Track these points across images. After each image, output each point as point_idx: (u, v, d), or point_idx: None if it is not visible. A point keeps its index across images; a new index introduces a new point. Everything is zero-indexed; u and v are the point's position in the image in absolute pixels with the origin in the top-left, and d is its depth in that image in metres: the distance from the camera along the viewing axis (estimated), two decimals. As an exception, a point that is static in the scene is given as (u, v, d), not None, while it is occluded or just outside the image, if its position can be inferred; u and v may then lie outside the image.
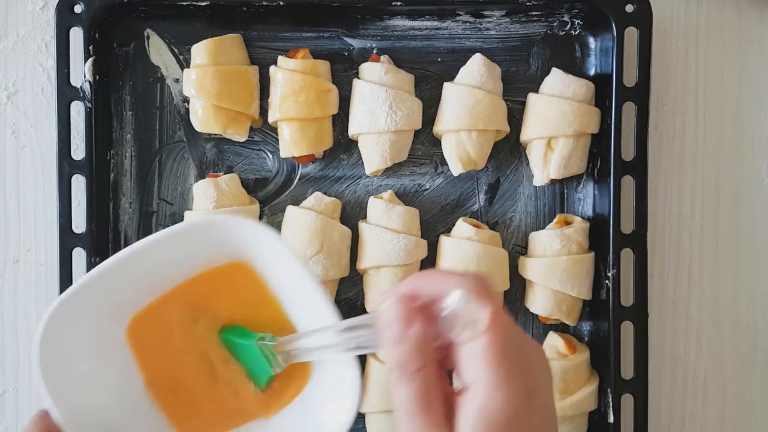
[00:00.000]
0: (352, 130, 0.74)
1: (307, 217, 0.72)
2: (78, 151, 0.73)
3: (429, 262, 0.75)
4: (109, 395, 0.57)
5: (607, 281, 0.73)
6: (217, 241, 0.57)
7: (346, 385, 0.55)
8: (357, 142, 0.76)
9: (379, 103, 0.72)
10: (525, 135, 0.75)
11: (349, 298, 0.77)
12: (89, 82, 0.72)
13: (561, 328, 0.77)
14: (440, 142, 0.75)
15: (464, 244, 0.72)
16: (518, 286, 0.76)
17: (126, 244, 0.76)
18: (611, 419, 0.72)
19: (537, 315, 0.75)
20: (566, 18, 0.76)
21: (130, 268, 0.56)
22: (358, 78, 0.74)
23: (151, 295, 0.59)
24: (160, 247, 0.56)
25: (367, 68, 0.73)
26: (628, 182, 0.73)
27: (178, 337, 0.59)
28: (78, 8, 0.71)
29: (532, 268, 0.74)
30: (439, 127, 0.74)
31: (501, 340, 0.44)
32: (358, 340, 0.50)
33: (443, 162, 0.76)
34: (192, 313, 0.60)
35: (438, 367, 0.47)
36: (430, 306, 0.46)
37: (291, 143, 0.73)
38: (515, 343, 0.45)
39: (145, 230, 0.76)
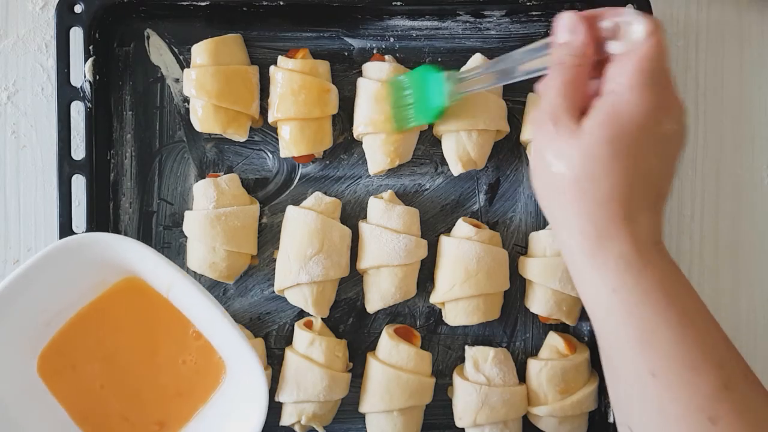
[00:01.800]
0: (358, 131, 0.74)
1: (307, 217, 0.72)
2: (78, 151, 0.73)
3: (429, 261, 0.75)
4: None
5: (607, 281, 0.73)
6: (90, 262, 0.59)
7: (253, 394, 0.57)
8: (357, 141, 0.76)
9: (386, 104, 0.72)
10: (525, 135, 0.75)
11: (349, 298, 0.77)
12: (89, 82, 0.72)
13: (561, 328, 0.77)
14: (440, 142, 0.75)
15: (464, 244, 0.72)
16: (518, 286, 0.76)
17: (126, 244, 0.76)
18: (611, 419, 0.72)
19: (537, 315, 0.75)
20: (566, 18, 0.76)
21: (13, 305, 0.57)
22: (362, 77, 0.74)
23: (51, 329, 0.60)
24: (30, 279, 0.57)
25: (371, 67, 0.73)
26: (628, 182, 0.73)
27: (93, 361, 0.61)
28: (78, 8, 0.72)
29: (532, 268, 0.74)
30: (439, 127, 0.74)
31: (654, 55, 0.51)
32: (530, 63, 0.58)
33: (443, 162, 0.76)
34: (99, 338, 0.61)
35: (590, 74, 0.54)
36: (600, 25, 0.53)
37: (291, 143, 0.73)
38: (664, 65, 0.52)
39: (145, 230, 0.76)
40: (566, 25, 0.54)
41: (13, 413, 0.58)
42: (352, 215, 0.76)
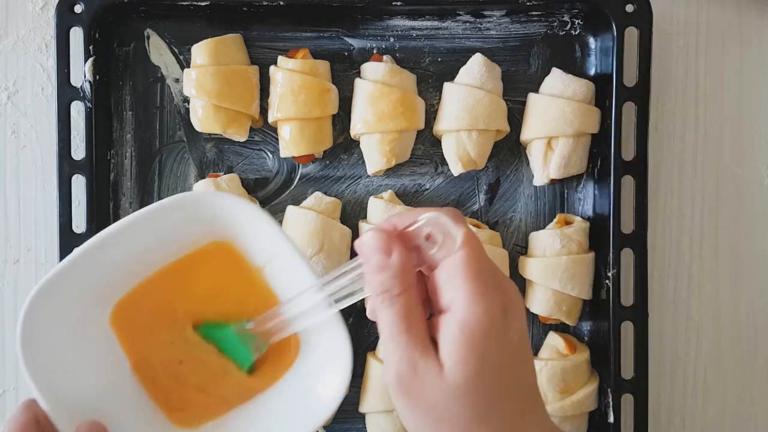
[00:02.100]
0: (355, 131, 0.74)
1: (308, 217, 0.72)
2: (78, 151, 0.73)
3: (429, 262, 0.75)
4: (97, 382, 0.57)
5: (607, 281, 0.73)
6: (196, 220, 0.56)
7: (337, 353, 0.55)
8: (357, 141, 0.76)
9: (383, 103, 0.72)
10: (525, 135, 0.75)
11: (349, 298, 0.77)
12: (89, 81, 0.72)
13: (561, 328, 0.77)
14: (440, 142, 0.75)
15: (464, 244, 0.72)
16: (518, 286, 0.76)
17: (126, 244, 0.76)
18: (611, 419, 0.72)
19: (537, 315, 0.75)
20: (566, 18, 0.76)
21: (111, 250, 0.55)
22: (360, 78, 0.74)
23: (134, 279, 0.58)
24: (139, 227, 0.55)
25: (369, 68, 0.73)
26: (628, 182, 0.73)
27: (162, 323, 0.59)
28: (78, 8, 0.71)
29: (532, 268, 0.74)
30: (439, 127, 0.74)
31: (475, 256, 0.47)
32: (340, 290, 0.51)
33: (443, 162, 0.76)
34: (174, 300, 0.59)
35: (419, 294, 0.49)
36: (408, 236, 0.49)
37: (291, 143, 0.73)
38: (488, 262, 0.48)
39: (145, 230, 0.76)
40: (377, 247, 0.48)
41: (69, 354, 0.56)
42: (352, 215, 0.76)
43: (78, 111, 0.73)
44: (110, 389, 0.57)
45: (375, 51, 0.76)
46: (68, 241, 0.72)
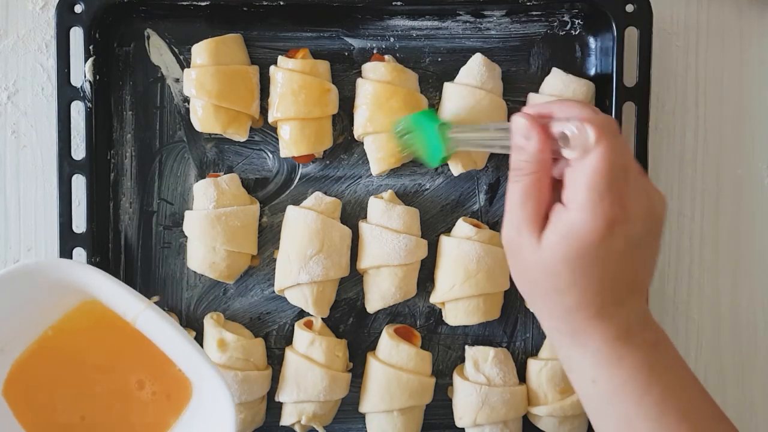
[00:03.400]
0: (360, 131, 0.74)
1: (308, 217, 0.72)
2: (78, 151, 0.73)
3: (429, 261, 0.75)
4: None
5: (607, 281, 0.73)
6: (52, 284, 0.57)
7: (221, 419, 0.56)
8: (357, 141, 0.76)
9: (390, 102, 0.72)
10: None
11: (349, 297, 0.77)
12: (89, 81, 0.72)
13: (561, 328, 0.77)
14: (440, 142, 0.75)
15: (464, 244, 0.72)
16: (518, 286, 0.76)
17: (126, 244, 0.76)
18: (611, 419, 0.72)
19: (537, 315, 0.75)
20: (566, 18, 0.76)
21: None
22: (362, 78, 0.74)
23: (16, 350, 0.59)
24: None
25: (373, 67, 0.73)
26: (628, 182, 0.73)
27: (57, 388, 0.60)
28: (78, 8, 0.71)
29: (532, 267, 0.74)
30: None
31: (603, 168, 0.50)
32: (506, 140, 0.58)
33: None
34: (65, 362, 0.60)
35: (547, 181, 0.55)
36: (550, 127, 0.54)
37: (291, 143, 0.73)
38: (616, 173, 0.51)
39: (145, 230, 0.76)
40: (520, 130, 0.55)
41: None
42: (352, 215, 0.76)
43: (78, 111, 0.73)
44: None
45: (375, 51, 0.76)
46: (68, 241, 0.72)
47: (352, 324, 0.77)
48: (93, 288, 0.58)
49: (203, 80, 0.71)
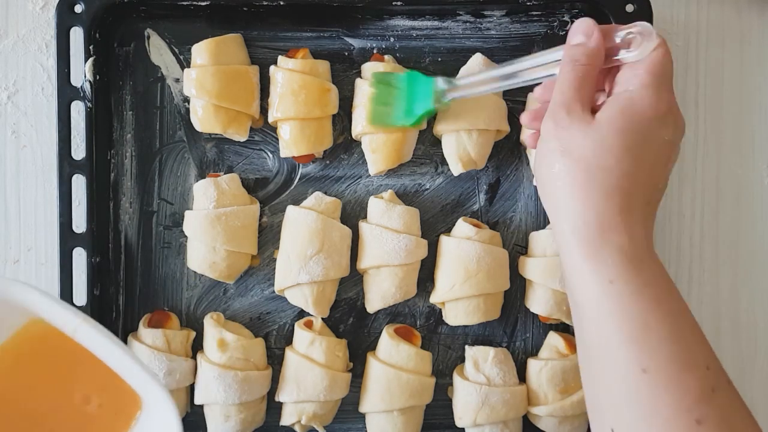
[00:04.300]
0: (357, 131, 0.74)
1: (308, 217, 0.72)
2: (78, 151, 0.73)
3: (429, 261, 0.75)
4: None
5: (607, 281, 0.73)
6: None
7: (167, 428, 0.56)
8: (357, 141, 0.76)
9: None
10: (525, 135, 0.75)
11: (349, 297, 0.77)
12: (89, 81, 0.72)
13: (561, 327, 0.77)
14: (440, 142, 0.75)
15: (464, 244, 0.72)
16: (518, 286, 0.76)
17: (126, 244, 0.76)
18: (611, 419, 0.72)
19: (537, 315, 0.75)
20: (566, 18, 0.76)
21: None
22: (361, 78, 0.74)
23: None
24: None
25: (370, 67, 0.73)
26: (628, 182, 0.73)
27: (8, 409, 0.59)
28: (78, 8, 0.72)
29: (532, 267, 0.74)
30: (439, 127, 0.74)
31: (665, 62, 0.55)
32: (536, 67, 0.62)
33: (443, 162, 0.76)
34: (6, 381, 0.59)
35: (600, 78, 0.58)
36: (610, 33, 0.57)
37: (291, 143, 0.73)
38: (671, 74, 0.56)
39: (145, 230, 0.76)
40: (582, 29, 0.57)
41: None
42: (353, 215, 0.76)
43: (78, 111, 0.73)
44: None
45: (375, 51, 0.76)
46: (68, 241, 0.72)
47: (352, 324, 0.77)
48: (33, 306, 0.57)
49: (203, 80, 0.71)
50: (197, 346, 0.75)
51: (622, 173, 0.53)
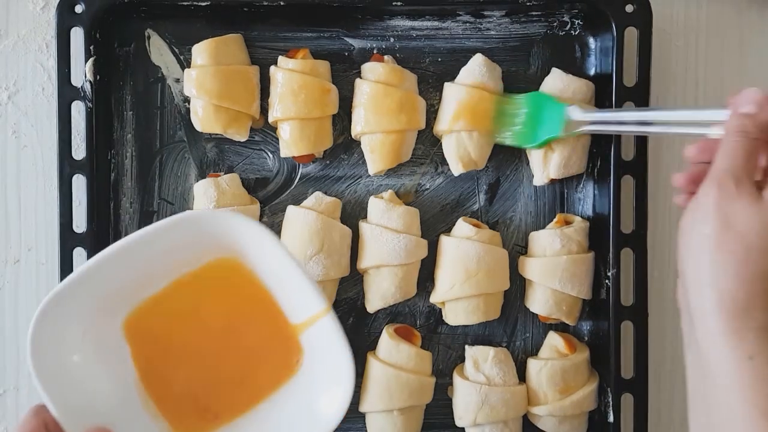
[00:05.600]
0: (356, 131, 0.74)
1: (308, 217, 0.72)
2: (79, 151, 0.73)
3: (429, 261, 0.75)
4: (106, 390, 0.57)
5: (607, 281, 0.73)
6: (208, 237, 0.57)
7: (341, 372, 0.56)
8: (357, 141, 0.76)
9: (384, 103, 0.72)
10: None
11: (349, 297, 0.77)
12: (90, 81, 0.72)
13: (561, 327, 0.77)
14: (440, 142, 0.75)
15: (464, 244, 0.72)
16: (518, 285, 0.76)
17: (126, 244, 0.76)
18: (611, 419, 0.72)
19: (537, 315, 0.75)
20: (566, 18, 0.76)
21: (124, 261, 0.56)
22: (360, 78, 0.74)
23: (145, 292, 0.59)
24: (151, 240, 0.56)
25: (370, 68, 0.73)
26: (628, 182, 0.73)
27: (176, 334, 0.60)
28: (79, 8, 0.72)
29: (532, 267, 0.74)
30: (439, 127, 0.74)
31: None
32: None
33: (443, 162, 0.76)
34: (189, 310, 0.60)
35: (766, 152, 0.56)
36: None
37: (291, 143, 0.73)
38: None
39: (145, 230, 0.76)
40: (752, 98, 0.57)
41: (78, 361, 0.57)
42: (353, 215, 0.76)
43: (78, 111, 0.73)
44: (119, 398, 0.58)
45: (375, 51, 0.76)
46: (69, 240, 0.72)
47: (352, 324, 0.77)
48: (246, 245, 0.58)
49: (203, 80, 0.71)
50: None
51: None
